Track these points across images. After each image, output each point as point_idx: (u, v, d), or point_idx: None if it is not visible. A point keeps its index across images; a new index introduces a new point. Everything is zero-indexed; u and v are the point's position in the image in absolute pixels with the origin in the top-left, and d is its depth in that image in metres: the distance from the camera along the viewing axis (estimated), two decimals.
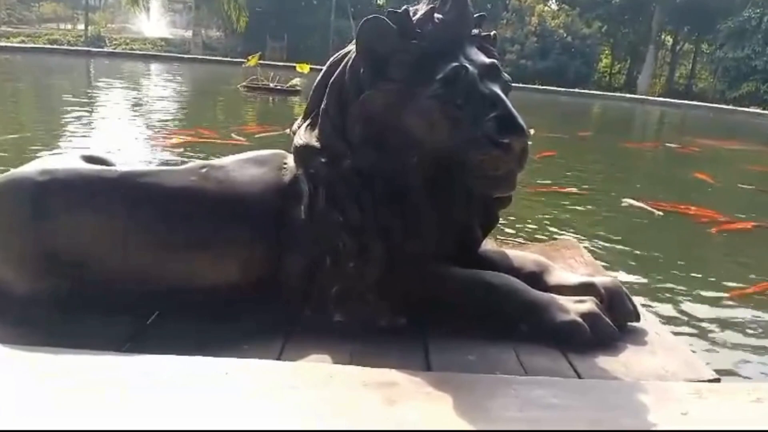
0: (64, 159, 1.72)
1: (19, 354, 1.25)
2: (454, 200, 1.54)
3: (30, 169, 1.63)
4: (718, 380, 1.44)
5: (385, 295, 1.54)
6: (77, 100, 9.53)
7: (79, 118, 7.69)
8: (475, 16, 1.59)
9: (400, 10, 1.50)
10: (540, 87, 20.02)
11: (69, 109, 8.30)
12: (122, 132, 7.14)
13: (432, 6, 1.55)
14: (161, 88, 13.94)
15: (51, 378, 1.15)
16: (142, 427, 1.02)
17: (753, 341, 2.57)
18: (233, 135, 6.84)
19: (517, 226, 3.95)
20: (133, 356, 1.32)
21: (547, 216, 4.45)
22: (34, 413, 1.06)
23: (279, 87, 12.35)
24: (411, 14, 1.52)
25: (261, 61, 12.91)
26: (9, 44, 20.51)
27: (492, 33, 1.65)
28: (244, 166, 1.66)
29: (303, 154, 1.59)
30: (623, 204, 4.97)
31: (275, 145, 1.83)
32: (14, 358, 1.24)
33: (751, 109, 19.83)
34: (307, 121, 1.64)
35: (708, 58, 27.93)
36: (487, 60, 1.52)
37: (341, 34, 22.75)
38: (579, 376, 1.38)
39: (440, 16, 1.53)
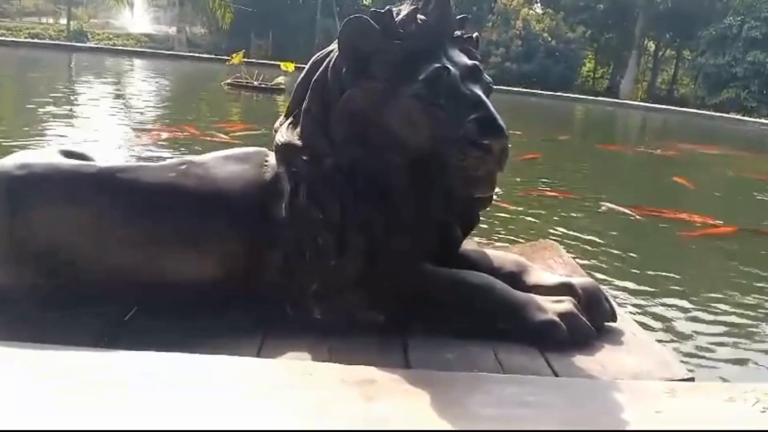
0: (42, 153, 1.70)
1: (19, 354, 1.24)
2: (435, 199, 1.54)
3: (8, 163, 1.61)
4: (692, 380, 1.46)
5: (364, 291, 1.55)
6: (58, 95, 9.41)
7: (59, 113, 7.60)
8: (457, 18, 1.60)
9: (383, 11, 1.51)
10: (523, 90, 20.15)
11: (50, 103, 8.19)
12: (104, 127, 7.07)
13: (415, 7, 1.56)
14: (144, 84, 13.82)
15: (51, 378, 1.15)
16: (142, 427, 1.02)
17: (727, 342, 2.62)
18: (215, 132, 6.80)
19: (497, 227, 3.98)
20: (117, 353, 1.32)
21: (527, 218, 4.49)
22: (34, 413, 1.05)
23: (263, 85, 12.31)
24: (394, 14, 1.52)
25: (245, 59, 12.87)
26: None
27: (474, 35, 1.66)
28: (224, 163, 1.66)
29: (284, 151, 1.59)
30: (602, 209, 5.03)
31: (258, 144, 1.83)
32: (14, 358, 1.22)
33: (731, 115, 20.14)
34: (289, 120, 1.63)
35: (689, 65, 28.35)
36: (469, 62, 1.53)
37: (327, 33, 22.74)
38: (556, 375, 1.39)
39: (423, 17, 1.54)
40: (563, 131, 12.10)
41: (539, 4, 29.21)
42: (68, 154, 1.67)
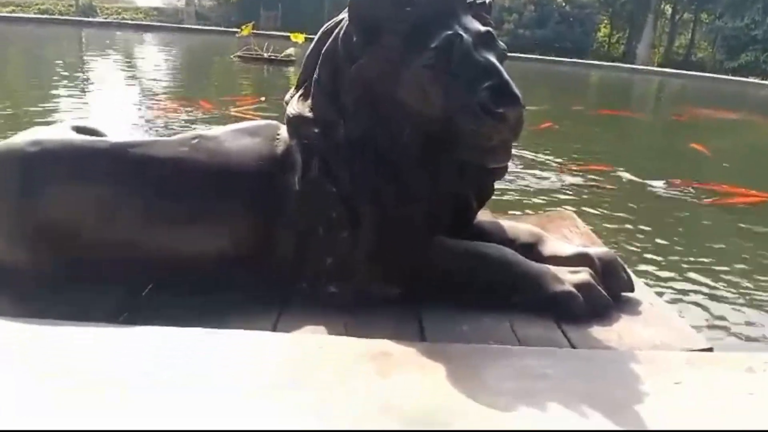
0: (54, 130, 1.69)
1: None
2: (448, 170, 1.52)
3: (19, 140, 1.60)
4: (710, 350, 1.44)
5: (378, 265, 1.54)
6: (68, 72, 9.41)
7: (70, 88, 7.61)
8: None
9: None
10: (540, 57, 19.82)
11: (60, 79, 8.21)
12: (114, 102, 7.09)
13: None
14: (154, 58, 13.77)
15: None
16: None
17: (746, 311, 2.59)
18: (227, 105, 6.78)
19: (514, 197, 3.94)
20: (133, 329, 1.32)
21: (543, 188, 4.44)
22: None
23: (273, 57, 12.21)
24: None
25: (254, 31, 12.75)
26: None
27: (487, 0, 1.62)
28: (236, 136, 1.64)
29: (296, 124, 1.57)
30: (619, 177, 4.96)
31: (269, 117, 1.81)
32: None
33: (750, 79, 19.72)
34: (300, 91, 1.61)
35: (707, 28, 27.67)
36: (482, 28, 1.49)
37: (336, 3, 22.40)
38: (573, 346, 1.38)
39: None
40: (578, 100, 11.92)
41: None
42: (80, 129, 1.66)
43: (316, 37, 1.61)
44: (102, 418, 1.04)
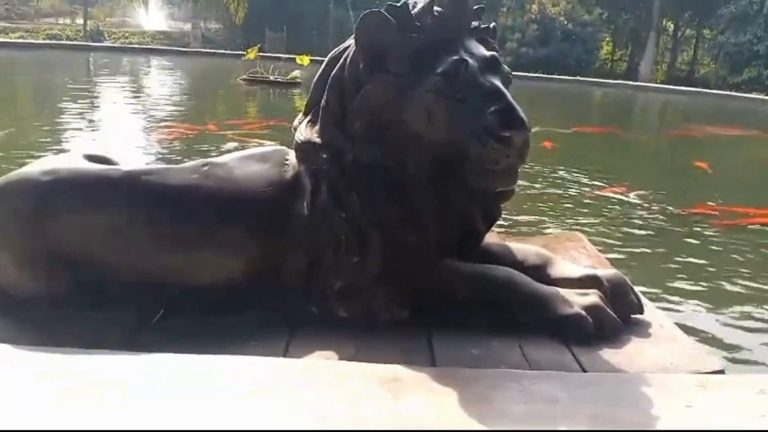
0: (67, 158, 1.72)
1: (19, 354, 1.25)
2: (455, 193, 1.53)
3: (33, 169, 1.63)
4: (722, 372, 1.44)
5: (387, 289, 1.55)
6: (77, 95, 9.51)
7: (79, 113, 7.68)
8: (474, 8, 1.58)
9: (399, 4, 1.50)
10: (543, 76, 19.90)
11: (69, 104, 8.29)
12: (123, 127, 7.15)
13: None
14: (161, 82, 13.94)
15: (51, 378, 1.15)
16: (142, 427, 1.03)
17: (757, 334, 2.57)
18: (234, 129, 6.82)
19: (519, 218, 3.94)
20: (137, 355, 1.33)
21: (548, 210, 4.44)
22: (34, 413, 1.06)
23: (279, 79, 12.32)
24: (410, 7, 1.51)
25: (260, 53, 12.87)
26: (8, 40, 20.50)
27: (492, 25, 1.64)
28: (245, 163, 1.66)
29: (305, 150, 1.59)
30: (626, 198, 4.94)
31: (277, 139, 1.83)
32: (14, 358, 1.24)
33: (753, 95, 19.72)
34: (308, 117, 1.63)
35: (710, 44, 27.77)
36: (488, 53, 1.51)
37: (340, 25, 22.65)
38: (583, 370, 1.38)
39: (439, 8, 1.52)
40: (582, 119, 11.92)
41: None
42: (92, 158, 1.69)
43: (323, 64, 1.64)
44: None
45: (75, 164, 1.63)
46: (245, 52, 12.79)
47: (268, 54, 16.12)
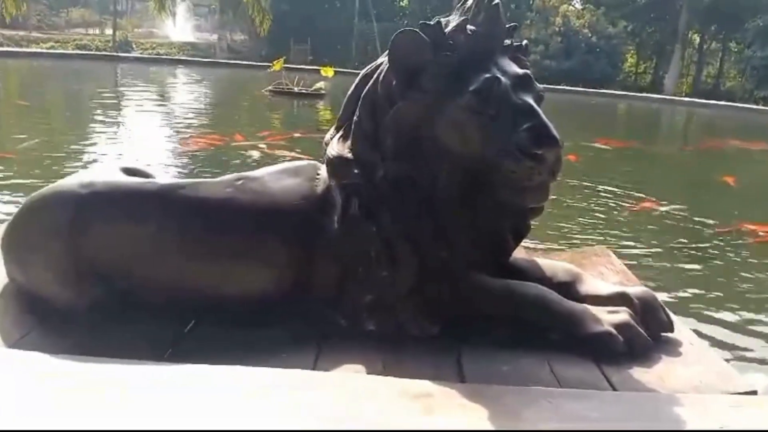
0: (104, 171, 1.76)
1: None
2: (486, 209, 1.54)
3: (71, 181, 1.68)
4: (754, 393, 1.42)
5: (417, 304, 1.56)
6: (106, 104, 9.70)
7: (108, 122, 7.83)
8: (507, 26, 1.59)
9: (432, 23, 1.52)
10: (567, 88, 19.79)
11: (98, 113, 8.45)
12: (151, 136, 7.25)
13: (464, 17, 1.56)
14: (188, 92, 14.12)
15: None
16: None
17: None
18: (261, 141, 6.88)
19: (544, 232, 3.92)
20: (172, 365, 1.35)
21: (574, 225, 4.41)
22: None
23: (304, 91, 12.42)
24: (443, 26, 1.53)
25: (285, 65, 13.00)
26: (39, 50, 20.97)
27: (524, 42, 1.65)
28: (278, 177, 1.69)
29: (336, 165, 1.61)
30: (653, 213, 4.88)
31: (304, 151, 1.85)
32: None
33: None
34: (340, 133, 1.66)
35: (736, 57, 27.43)
36: (520, 71, 1.53)
37: (364, 37, 22.81)
38: (613, 388, 1.38)
39: (473, 27, 1.54)
40: (607, 132, 11.80)
41: (579, 0, 28.70)
42: (128, 171, 1.73)
43: (356, 80, 1.66)
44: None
45: (111, 177, 1.67)
46: (271, 64, 12.91)
47: (293, 65, 16.27)
